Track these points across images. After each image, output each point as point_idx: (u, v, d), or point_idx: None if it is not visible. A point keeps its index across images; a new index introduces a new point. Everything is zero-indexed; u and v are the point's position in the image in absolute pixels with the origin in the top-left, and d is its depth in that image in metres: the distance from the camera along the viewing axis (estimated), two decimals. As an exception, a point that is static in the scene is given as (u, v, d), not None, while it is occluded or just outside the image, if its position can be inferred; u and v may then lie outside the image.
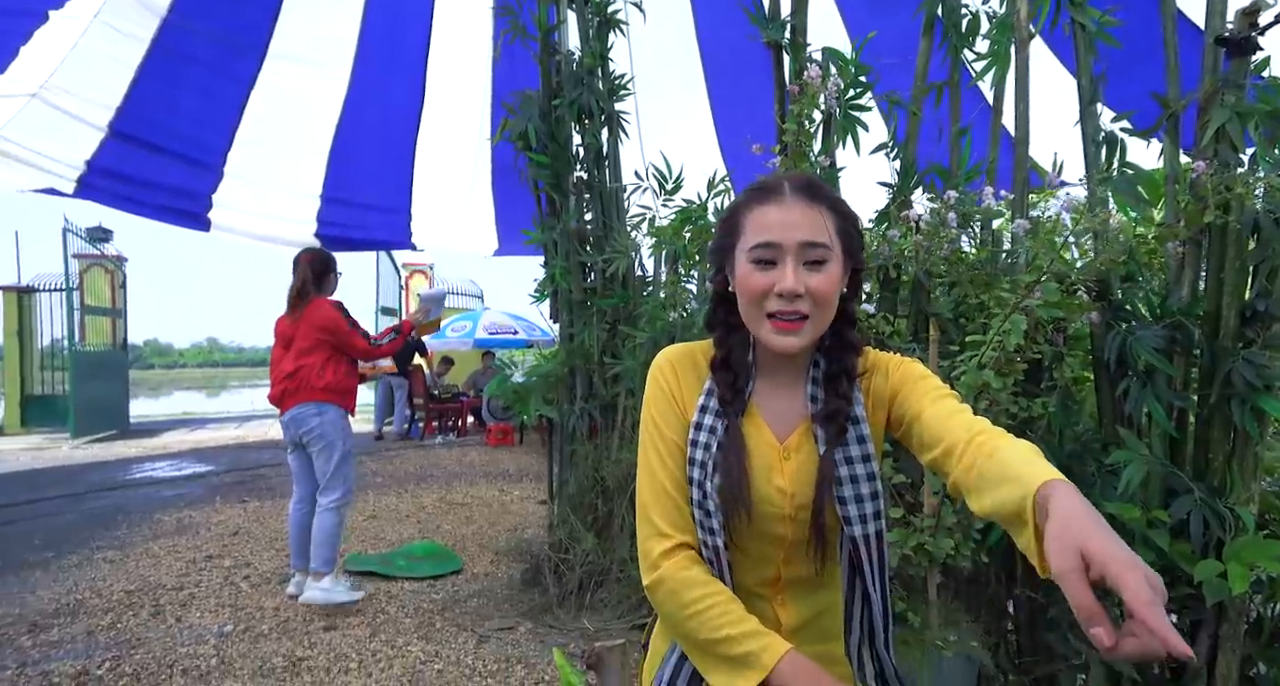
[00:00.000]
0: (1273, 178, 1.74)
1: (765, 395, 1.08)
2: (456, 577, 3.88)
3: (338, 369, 3.45)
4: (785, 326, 0.98)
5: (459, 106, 6.56)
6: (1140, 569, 0.65)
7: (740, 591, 1.05)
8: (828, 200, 1.01)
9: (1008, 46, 2.36)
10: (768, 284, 0.98)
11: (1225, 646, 1.86)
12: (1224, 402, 1.85)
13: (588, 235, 3.50)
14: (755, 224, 1.00)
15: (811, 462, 1.04)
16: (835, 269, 0.99)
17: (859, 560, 1.02)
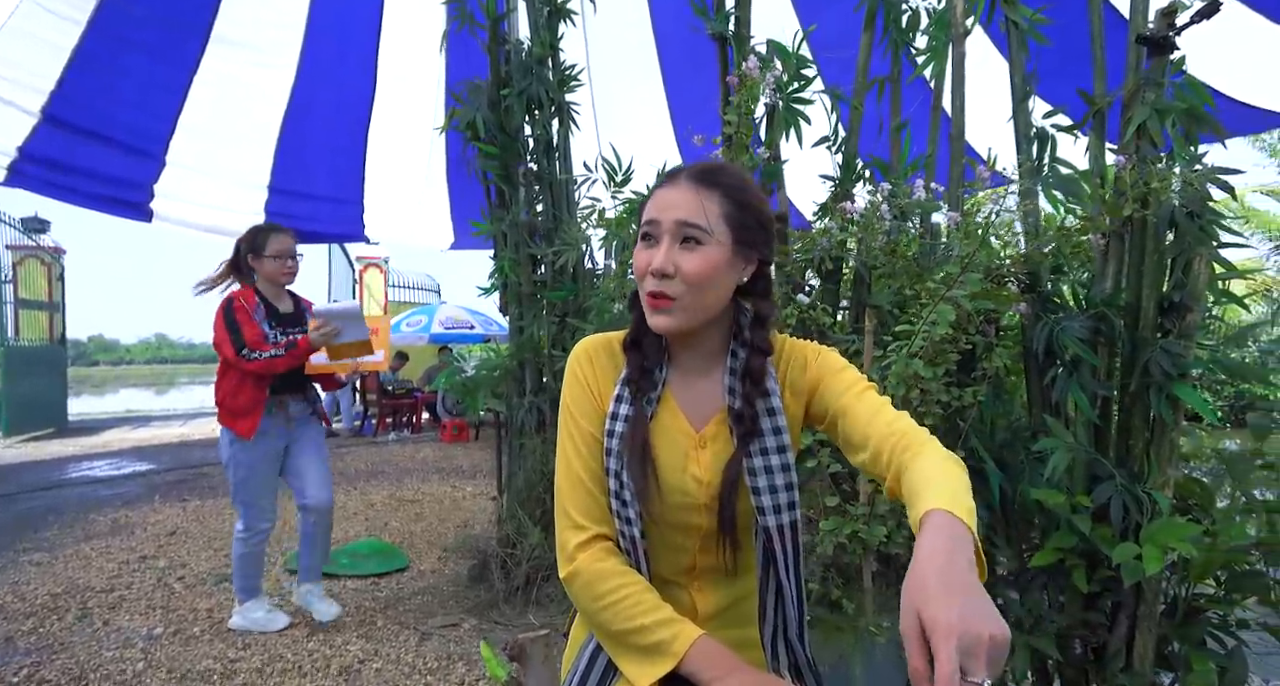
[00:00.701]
0: (1188, 173, 1.81)
1: (680, 385, 1.09)
2: (402, 575, 3.83)
3: (226, 382, 2.90)
4: (656, 304, 0.99)
5: (413, 96, 6.47)
6: (953, 639, 0.63)
7: (657, 580, 1.06)
8: (722, 187, 1.01)
9: (946, 42, 2.40)
10: (645, 261, 1.00)
11: (1142, 626, 1.92)
12: (1143, 391, 1.91)
13: (538, 227, 3.47)
14: (649, 205, 1.03)
15: (727, 452, 1.05)
16: (714, 253, 0.99)
17: (772, 550, 1.04)
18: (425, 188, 7.39)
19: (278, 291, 3.06)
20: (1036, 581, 2.06)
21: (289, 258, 3.02)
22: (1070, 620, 1.98)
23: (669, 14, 5.77)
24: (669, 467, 1.04)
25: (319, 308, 2.95)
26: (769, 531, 1.03)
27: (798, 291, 2.28)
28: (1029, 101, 2.27)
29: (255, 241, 2.99)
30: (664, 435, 1.05)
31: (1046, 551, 1.93)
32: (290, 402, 3.03)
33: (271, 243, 2.98)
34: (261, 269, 3.00)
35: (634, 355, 1.08)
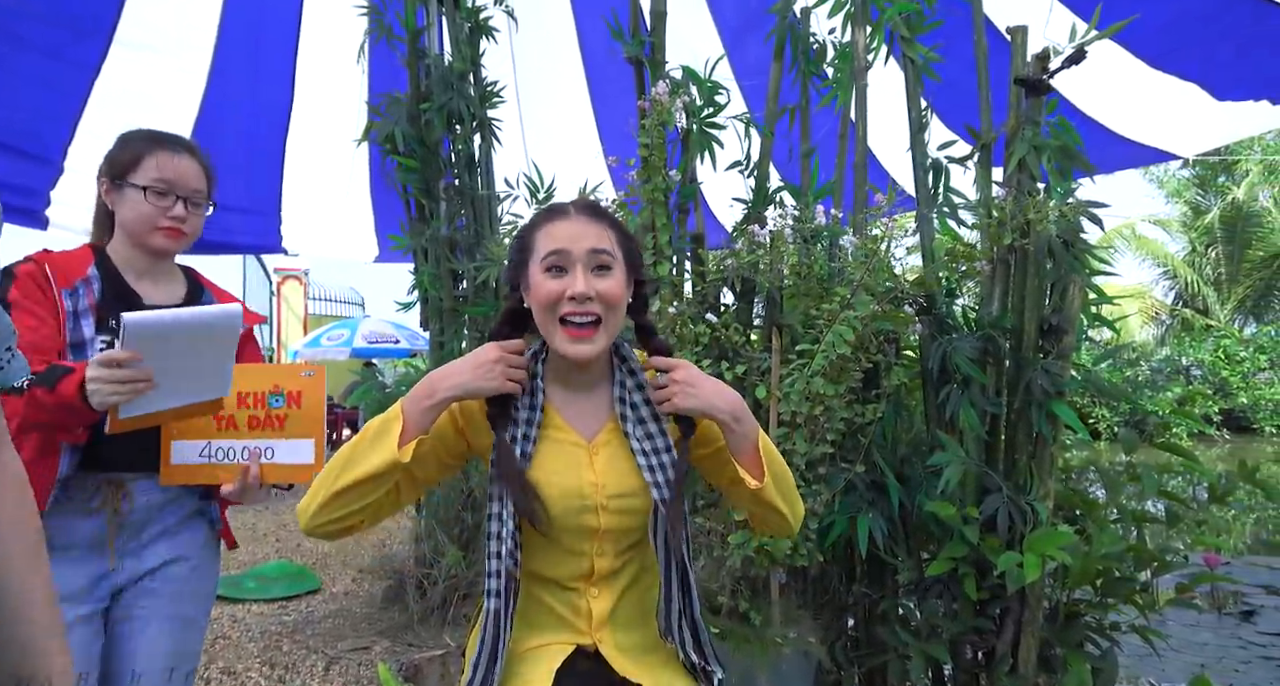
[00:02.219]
0: (1062, 206, 1.95)
1: (563, 401, 1.17)
2: (312, 598, 3.71)
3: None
4: (578, 333, 1.07)
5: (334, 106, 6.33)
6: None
7: (551, 586, 1.13)
8: (608, 219, 1.14)
9: (850, 75, 2.52)
10: (560, 289, 1.07)
11: (1026, 630, 2.04)
12: (1026, 408, 2.04)
13: (459, 242, 3.45)
14: (546, 238, 1.10)
15: (622, 456, 1.13)
16: (620, 276, 1.10)
17: (673, 544, 1.11)
18: (347, 199, 7.22)
19: (148, 262, 1.50)
20: (933, 590, 2.16)
21: (176, 197, 1.47)
22: (963, 627, 2.08)
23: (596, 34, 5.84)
24: (563, 474, 1.11)
25: (134, 317, 1.18)
26: (662, 504, 1.09)
27: (710, 310, 2.34)
28: (925, 133, 2.40)
29: (118, 160, 1.48)
30: (554, 447, 1.13)
31: (941, 561, 2.03)
32: (137, 489, 1.42)
33: (146, 163, 1.46)
34: (122, 211, 1.47)
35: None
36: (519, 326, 1.14)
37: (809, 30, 2.66)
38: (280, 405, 1.32)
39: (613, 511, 1.10)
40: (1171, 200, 19.86)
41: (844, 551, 2.35)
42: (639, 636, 1.14)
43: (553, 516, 1.08)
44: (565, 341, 1.07)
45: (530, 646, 1.12)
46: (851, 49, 2.43)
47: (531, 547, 1.11)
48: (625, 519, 1.11)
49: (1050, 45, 2.02)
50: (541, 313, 1.09)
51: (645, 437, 1.12)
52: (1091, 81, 4.07)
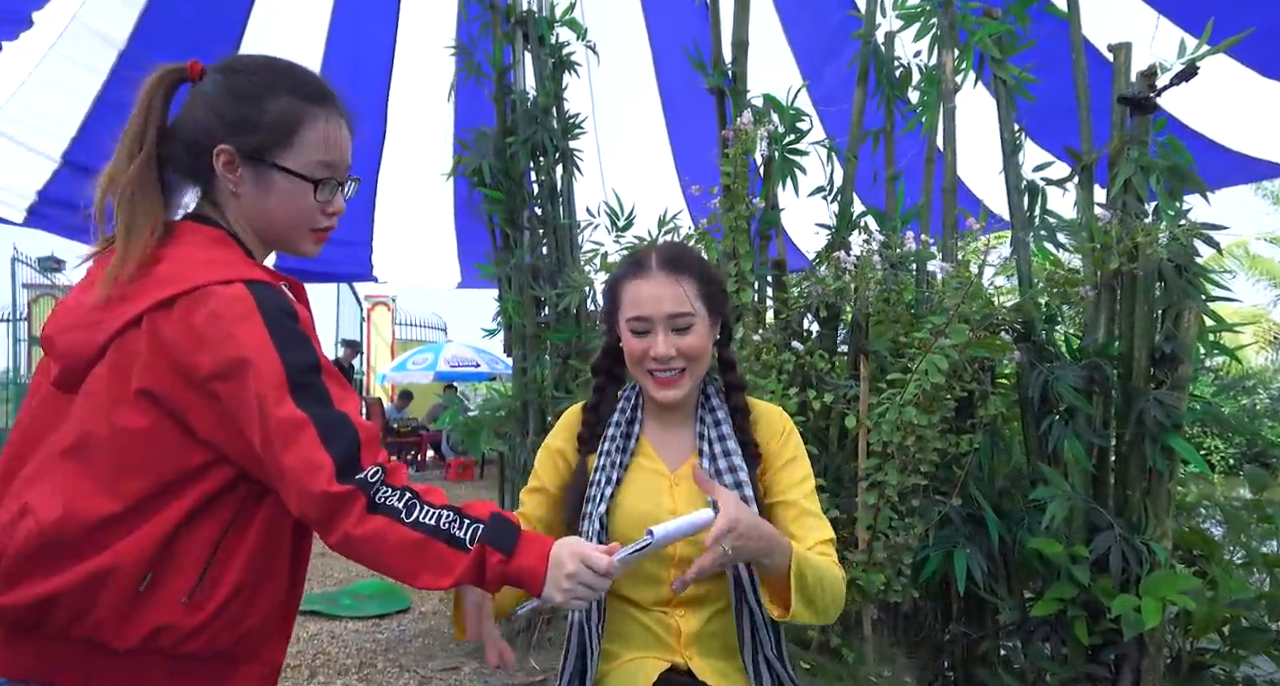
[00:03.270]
0: (1174, 228, 1.85)
1: (656, 433, 1.26)
2: (403, 617, 3.80)
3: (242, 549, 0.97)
4: (664, 382, 1.17)
5: (422, 140, 6.62)
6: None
7: (636, 609, 1.17)
8: (689, 271, 1.18)
9: (937, 98, 2.47)
10: (644, 348, 1.16)
11: (1146, 680, 1.91)
12: (1138, 441, 1.93)
13: (541, 270, 3.53)
14: (630, 298, 1.17)
15: (699, 490, 1.16)
16: (701, 329, 1.17)
17: (740, 577, 1.14)
18: (433, 228, 7.51)
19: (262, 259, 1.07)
20: (1039, 632, 2.05)
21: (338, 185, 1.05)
22: (1074, 672, 1.97)
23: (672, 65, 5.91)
24: (645, 498, 1.18)
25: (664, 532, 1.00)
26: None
27: (794, 338, 2.31)
28: (1019, 155, 2.33)
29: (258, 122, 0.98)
30: (641, 473, 1.21)
31: (1047, 601, 1.93)
32: None
33: (308, 134, 0.99)
34: (264, 200, 1.00)
35: (590, 416, 1.26)
36: (618, 361, 1.25)
37: (893, 54, 2.63)
38: None
39: (692, 543, 1.11)
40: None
41: (939, 588, 2.26)
42: (730, 661, 1.16)
43: (628, 537, 1.09)
44: (653, 388, 1.18)
45: (624, 660, 1.15)
46: (938, 72, 2.38)
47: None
48: (700, 550, 1.11)
49: (1157, 61, 1.93)
50: (631, 364, 1.20)
51: (717, 474, 1.16)
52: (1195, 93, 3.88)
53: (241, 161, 0.96)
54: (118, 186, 0.94)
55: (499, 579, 0.88)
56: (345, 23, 5.31)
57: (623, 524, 1.15)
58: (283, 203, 0.99)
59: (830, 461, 2.25)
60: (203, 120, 0.97)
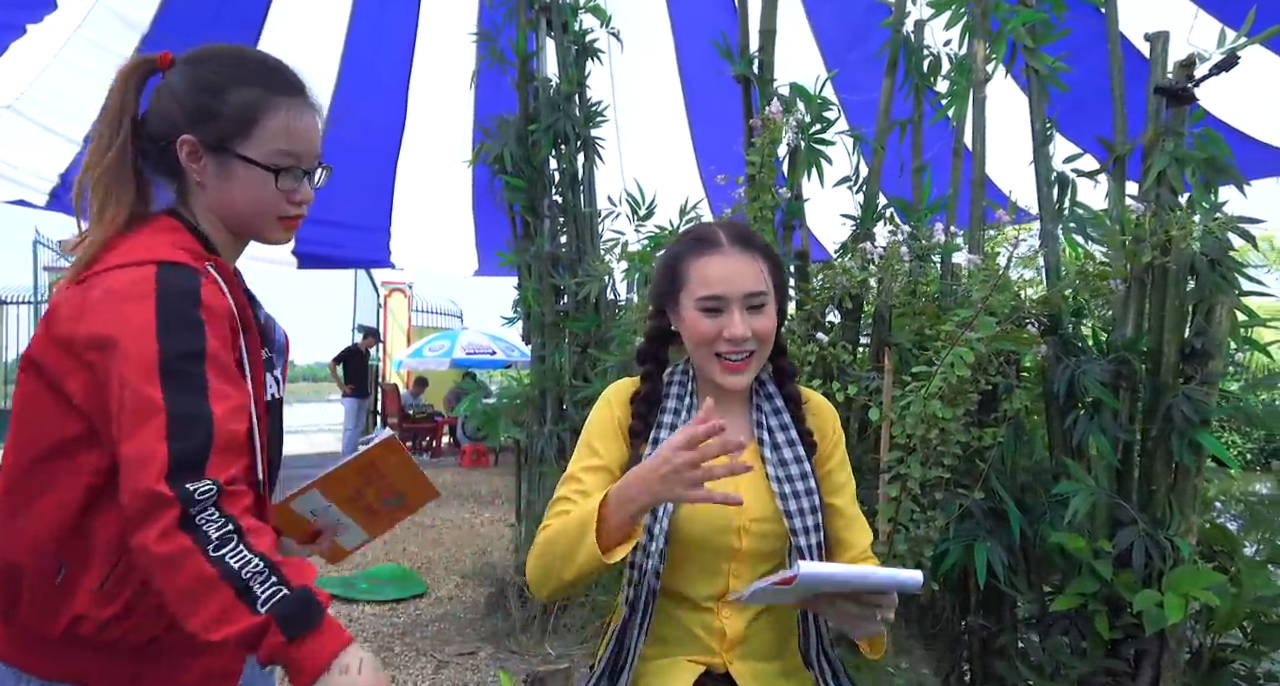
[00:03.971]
0: (1209, 222, 1.82)
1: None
2: (419, 601, 3.84)
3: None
4: (735, 367, 1.10)
5: (441, 128, 6.61)
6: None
7: (686, 604, 1.13)
8: (760, 249, 1.14)
9: (966, 87, 2.44)
10: (716, 330, 1.09)
11: (1166, 675, 1.90)
12: (1165, 436, 1.91)
13: (561, 258, 3.54)
14: (699, 275, 1.11)
15: (763, 479, 1.13)
16: (772, 310, 1.12)
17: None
18: (451, 215, 7.52)
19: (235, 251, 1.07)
20: (1058, 625, 2.04)
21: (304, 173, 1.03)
22: (1093, 666, 1.96)
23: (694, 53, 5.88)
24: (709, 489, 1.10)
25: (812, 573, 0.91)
26: (802, 551, 1.10)
27: (818, 329, 2.30)
28: (1049, 146, 2.30)
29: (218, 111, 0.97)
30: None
31: (1068, 596, 1.92)
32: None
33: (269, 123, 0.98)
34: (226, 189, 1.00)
35: (640, 406, 1.17)
36: (665, 346, 1.20)
37: (922, 43, 2.60)
38: (391, 505, 1.21)
39: (753, 534, 1.11)
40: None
41: (957, 581, 2.25)
42: (770, 663, 1.14)
43: (697, 534, 1.09)
44: (721, 373, 1.10)
45: (660, 662, 1.12)
46: (969, 61, 2.35)
47: (670, 564, 1.11)
48: (764, 543, 1.11)
49: (1196, 51, 1.90)
50: (697, 347, 1.12)
51: (780, 464, 1.13)
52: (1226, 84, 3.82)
53: (204, 152, 0.97)
54: (93, 175, 0.95)
55: (270, 657, 0.78)
56: (367, 8, 5.30)
57: (687, 523, 1.09)
58: (245, 191, 0.98)
59: (851, 453, 2.24)
60: (167, 111, 0.97)
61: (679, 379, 1.19)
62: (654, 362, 1.19)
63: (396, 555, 4.75)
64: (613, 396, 1.20)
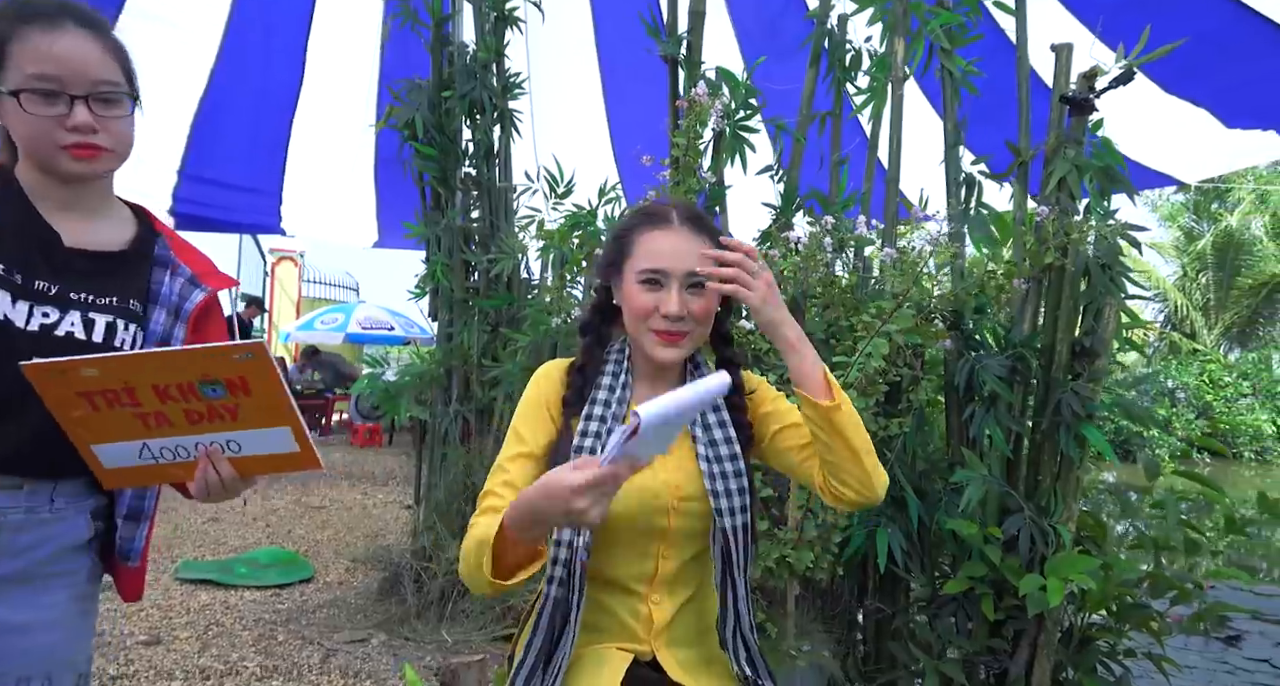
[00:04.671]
0: (1103, 226, 1.93)
1: (646, 399, 1.11)
2: (306, 586, 3.66)
3: None
4: (668, 338, 1.09)
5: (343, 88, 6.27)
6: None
7: (613, 589, 1.11)
8: (709, 231, 1.13)
9: (885, 84, 2.49)
10: (654, 304, 1.09)
11: (1041, 653, 2.02)
12: (1053, 429, 2.03)
13: (473, 233, 3.41)
14: (644, 248, 1.11)
15: (690, 460, 1.13)
16: (714, 293, 1.10)
17: (729, 551, 1.11)
18: (351, 182, 7.17)
19: (68, 193, 1.07)
20: (947, 608, 2.14)
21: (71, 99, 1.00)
22: (977, 646, 2.07)
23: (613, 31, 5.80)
24: (642, 472, 1.04)
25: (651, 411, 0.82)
26: (726, 532, 1.10)
27: (739, 317, 2.31)
28: (959, 148, 2.38)
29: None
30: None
31: (960, 579, 2.01)
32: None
33: (14, 52, 0.99)
34: (9, 125, 1.03)
35: (577, 378, 1.16)
36: (607, 320, 1.19)
37: (844, 37, 2.64)
38: (221, 395, 0.97)
39: (681, 513, 1.10)
40: (1165, 224, 20.03)
41: (856, 565, 2.33)
42: (695, 650, 1.14)
43: (626, 513, 1.07)
44: (654, 345, 1.10)
45: (590, 651, 1.10)
46: (889, 58, 2.40)
47: (597, 545, 1.09)
48: (691, 522, 1.11)
49: (1097, 64, 2.01)
50: (633, 320, 1.12)
51: (710, 444, 1.13)
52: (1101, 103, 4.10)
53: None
54: None
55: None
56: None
57: (618, 501, 1.02)
58: (18, 125, 1.00)
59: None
60: None
61: (615, 357, 1.18)
62: (594, 335, 1.19)
63: (281, 538, 4.51)
64: (542, 374, 1.19)
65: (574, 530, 1.06)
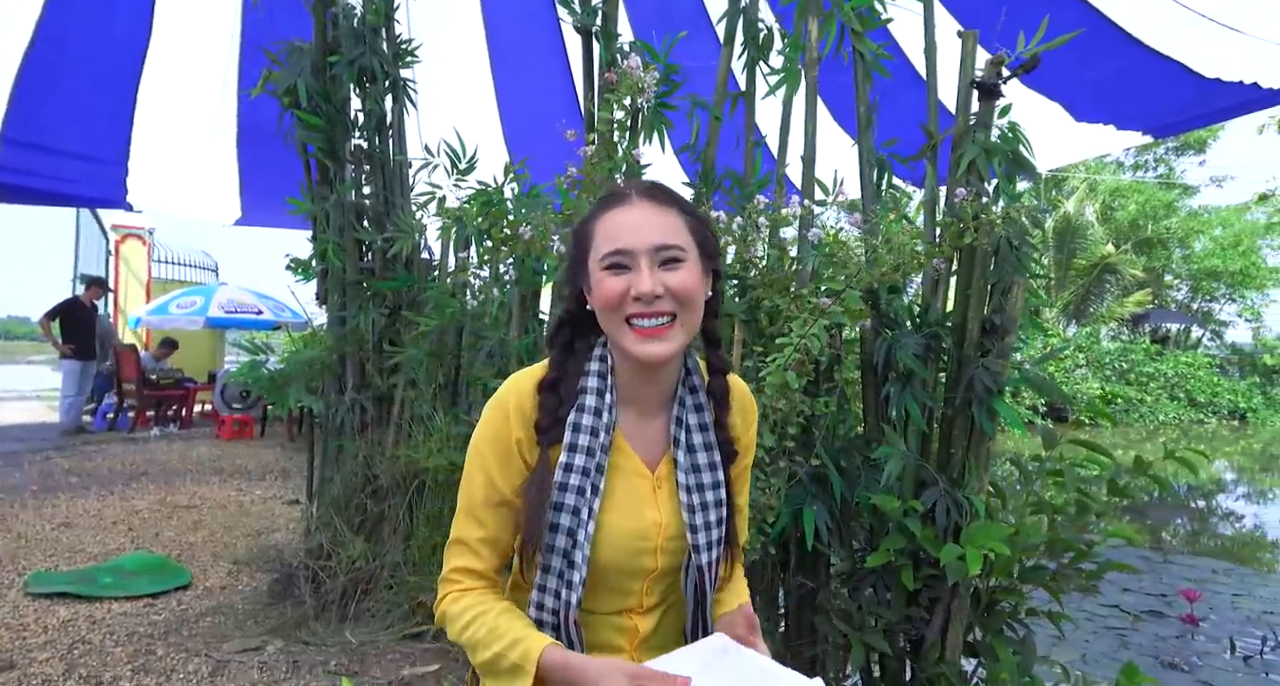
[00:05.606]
0: (1010, 209, 2.02)
1: (631, 423, 1.05)
2: (183, 594, 3.35)
3: None
4: (650, 333, 0.94)
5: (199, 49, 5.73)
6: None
7: (595, 616, 1.04)
8: (676, 202, 1.00)
9: (799, 66, 2.50)
10: (623, 288, 0.95)
11: (955, 619, 2.12)
12: (966, 404, 2.11)
13: (366, 210, 3.18)
14: (605, 232, 0.97)
15: (674, 494, 1.03)
16: (694, 267, 0.97)
17: (703, 588, 1.03)
18: (210, 153, 6.59)
19: None
20: (867, 580, 2.20)
21: None
22: (897, 615, 2.14)
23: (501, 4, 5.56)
24: (628, 511, 1.00)
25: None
26: (700, 569, 1.02)
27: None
28: (871, 130, 2.42)
29: None
30: (621, 478, 1.01)
31: (881, 552, 2.07)
32: None
33: None
34: None
35: (549, 397, 1.01)
36: (579, 329, 1.04)
37: (756, 16, 2.62)
38: None
39: (668, 552, 1.03)
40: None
41: (781, 543, 2.36)
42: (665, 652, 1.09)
43: (615, 561, 0.99)
44: (634, 341, 0.95)
45: None
46: (804, 40, 2.41)
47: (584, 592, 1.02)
48: (674, 559, 1.04)
49: (1003, 50, 2.08)
50: (605, 315, 0.97)
51: (692, 470, 1.03)
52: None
53: None
54: None
55: None
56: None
57: (608, 550, 0.98)
58: None
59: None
60: None
61: (596, 367, 1.03)
62: (564, 349, 1.03)
63: (147, 541, 4.11)
64: (512, 401, 1.01)
65: (563, 582, 0.98)
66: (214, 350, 11.36)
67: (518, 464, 1.00)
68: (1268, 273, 21.12)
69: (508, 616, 0.97)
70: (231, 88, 5.99)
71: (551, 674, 0.90)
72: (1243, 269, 20.67)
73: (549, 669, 0.90)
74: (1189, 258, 21.54)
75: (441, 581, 1.03)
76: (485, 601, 0.99)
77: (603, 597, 1.03)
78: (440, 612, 1.02)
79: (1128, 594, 4.41)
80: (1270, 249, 21.56)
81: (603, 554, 0.98)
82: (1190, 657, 3.47)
